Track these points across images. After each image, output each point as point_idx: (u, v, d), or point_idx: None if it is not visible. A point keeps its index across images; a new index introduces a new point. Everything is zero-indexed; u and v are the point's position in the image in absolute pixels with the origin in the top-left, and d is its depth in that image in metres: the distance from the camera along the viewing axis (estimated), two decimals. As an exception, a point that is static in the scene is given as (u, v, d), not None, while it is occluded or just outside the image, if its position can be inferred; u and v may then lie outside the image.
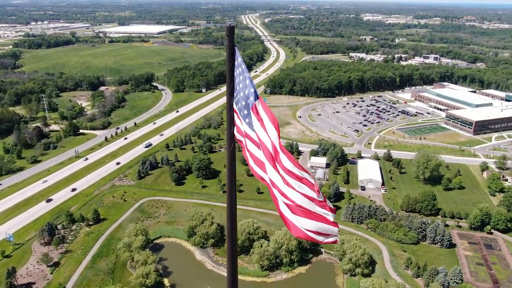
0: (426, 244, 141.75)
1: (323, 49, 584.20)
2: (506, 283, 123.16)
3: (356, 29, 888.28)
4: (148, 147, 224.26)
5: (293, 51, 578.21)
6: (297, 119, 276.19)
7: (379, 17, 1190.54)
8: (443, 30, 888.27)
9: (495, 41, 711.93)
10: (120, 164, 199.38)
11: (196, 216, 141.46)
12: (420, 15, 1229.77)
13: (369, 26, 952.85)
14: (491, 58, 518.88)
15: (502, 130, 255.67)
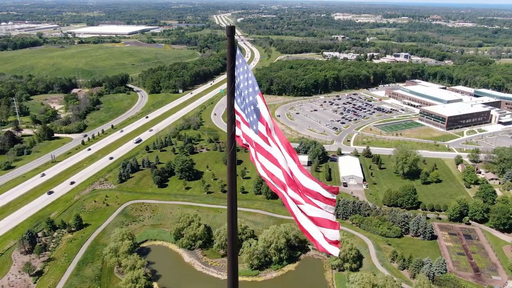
0: (409, 237, 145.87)
1: (297, 48, 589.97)
2: (486, 271, 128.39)
3: (327, 28, 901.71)
4: (139, 142, 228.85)
5: (268, 51, 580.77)
6: (276, 118, 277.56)
7: (349, 16, 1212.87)
8: (411, 29, 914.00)
9: (461, 39, 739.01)
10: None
11: (182, 218, 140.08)
12: (389, 15, 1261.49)
13: (340, 25, 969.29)
14: (458, 55, 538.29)
15: (472, 125, 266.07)
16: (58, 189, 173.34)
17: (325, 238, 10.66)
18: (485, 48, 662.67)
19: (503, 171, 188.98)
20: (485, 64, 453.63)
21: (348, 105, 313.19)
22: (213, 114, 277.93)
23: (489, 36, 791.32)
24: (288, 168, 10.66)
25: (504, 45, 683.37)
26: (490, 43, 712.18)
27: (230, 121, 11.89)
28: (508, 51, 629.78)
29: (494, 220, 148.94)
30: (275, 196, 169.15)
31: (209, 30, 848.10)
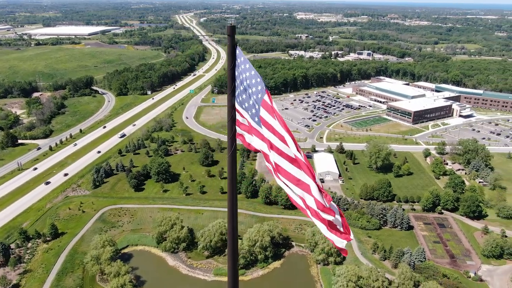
0: (387, 229, 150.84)
1: (263, 47, 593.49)
2: (461, 257, 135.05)
3: (291, 27, 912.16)
4: (123, 137, 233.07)
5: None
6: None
7: (311, 15, 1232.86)
8: (371, 28, 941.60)
9: (418, 37, 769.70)
10: (68, 175, 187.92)
11: (164, 221, 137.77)
12: (349, 14, 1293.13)
13: (303, 24, 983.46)
14: (417, 53, 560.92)
15: (436, 119, 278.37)
16: (28, 198, 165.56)
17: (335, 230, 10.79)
18: (441, 46, 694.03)
19: (468, 161, 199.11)
20: (443, 61, 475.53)
21: (317, 102, 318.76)
22: (185, 118, 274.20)
23: (444, 34, 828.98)
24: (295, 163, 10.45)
25: (458, 42, 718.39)
26: (445, 41, 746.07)
27: (230, 121, 11.76)
28: (462, 47, 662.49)
29: (465, 209, 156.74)
30: (254, 195, 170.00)
31: (173, 30, 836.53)
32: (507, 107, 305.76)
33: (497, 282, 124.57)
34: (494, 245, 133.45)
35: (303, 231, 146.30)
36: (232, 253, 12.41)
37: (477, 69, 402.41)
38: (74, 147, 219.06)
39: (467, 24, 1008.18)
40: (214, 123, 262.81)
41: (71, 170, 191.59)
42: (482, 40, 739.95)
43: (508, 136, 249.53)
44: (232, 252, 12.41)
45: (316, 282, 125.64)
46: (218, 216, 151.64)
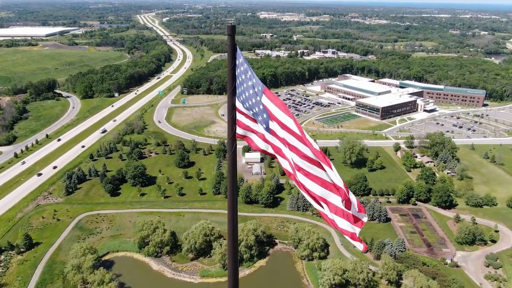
0: (366, 222, 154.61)
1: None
2: (437, 245, 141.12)
3: (255, 27, 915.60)
4: (104, 132, 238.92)
5: (200, 50, 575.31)
6: (221, 117, 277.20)
7: (274, 15, 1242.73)
8: (333, 27, 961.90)
9: (378, 35, 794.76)
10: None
11: (146, 225, 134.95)
12: (311, 13, 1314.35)
13: (266, 24, 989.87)
14: (379, 50, 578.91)
15: (402, 114, 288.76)
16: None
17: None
18: (401, 43, 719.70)
19: (436, 154, 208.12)
20: (404, 58, 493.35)
21: (288, 101, 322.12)
22: (156, 119, 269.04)
23: (402, 32, 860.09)
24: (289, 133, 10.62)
25: (416, 40, 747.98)
26: (404, 39, 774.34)
27: (231, 121, 11.76)
28: (420, 45, 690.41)
29: (437, 199, 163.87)
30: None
31: (135, 30, 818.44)
32: (466, 101, 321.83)
33: (472, 267, 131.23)
34: (466, 232, 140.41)
35: (286, 229, 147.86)
36: (232, 253, 12.39)
37: (437, 65, 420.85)
38: (45, 151, 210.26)
39: (423, 23, 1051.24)
40: (187, 124, 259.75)
41: (39, 178, 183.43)
42: (438, 37, 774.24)
43: (469, 128, 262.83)
44: (233, 252, 12.39)
45: (302, 277, 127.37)
46: (200, 217, 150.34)
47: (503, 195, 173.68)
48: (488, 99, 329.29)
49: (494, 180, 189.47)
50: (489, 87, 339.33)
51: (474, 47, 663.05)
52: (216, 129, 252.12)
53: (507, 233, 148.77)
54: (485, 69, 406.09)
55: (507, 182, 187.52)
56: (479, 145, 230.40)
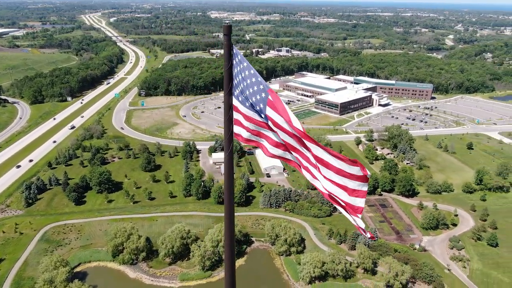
0: (337, 214, 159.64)
1: (183, 47, 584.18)
2: (405, 232, 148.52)
3: (207, 26, 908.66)
4: (73, 128, 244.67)
5: (153, 51, 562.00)
6: (182, 118, 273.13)
7: (225, 14, 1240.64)
8: (284, 25, 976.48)
9: (328, 34, 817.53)
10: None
11: (119, 233, 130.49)
12: (261, 12, 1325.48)
13: (218, 23, 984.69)
14: (331, 48, 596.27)
15: (359, 109, 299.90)
16: None
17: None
18: (350, 41, 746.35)
19: (395, 146, 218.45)
20: (355, 55, 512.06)
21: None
22: (115, 123, 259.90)
23: (350, 30, 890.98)
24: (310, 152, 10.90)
25: (364, 38, 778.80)
26: (352, 36, 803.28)
27: (227, 121, 11.76)
28: (368, 42, 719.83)
29: (400, 188, 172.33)
30: (206, 196, 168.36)
31: (81, 31, 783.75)
32: (416, 95, 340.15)
33: (438, 250, 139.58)
34: (430, 218, 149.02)
35: (261, 226, 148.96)
36: (229, 253, 12.45)
37: (387, 61, 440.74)
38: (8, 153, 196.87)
39: (369, 21, 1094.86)
40: (148, 126, 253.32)
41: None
42: (384, 35, 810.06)
43: (422, 120, 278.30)
44: (230, 252, 12.46)
45: (282, 273, 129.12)
46: (174, 221, 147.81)
47: (458, 181, 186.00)
48: (435, 92, 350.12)
49: (449, 168, 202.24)
50: (435, 81, 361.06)
51: (417, 44, 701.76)
52: (179, 130, 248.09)
53: (466, 216, 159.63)
54: (430, 64, 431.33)
55: (460, 169, 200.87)
56: (432, 135, 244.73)
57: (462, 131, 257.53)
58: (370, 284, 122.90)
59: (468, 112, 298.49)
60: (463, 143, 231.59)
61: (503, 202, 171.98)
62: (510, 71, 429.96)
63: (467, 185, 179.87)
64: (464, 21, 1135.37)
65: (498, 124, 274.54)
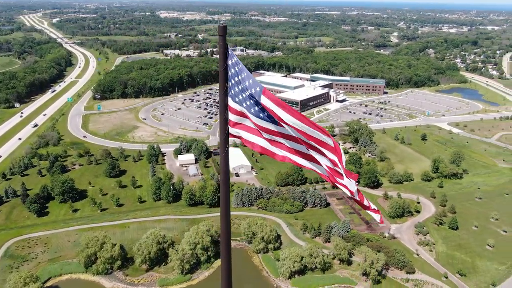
0: (309, 209, 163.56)
1: (135, 48, 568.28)
2: (374, 222, 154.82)
3: (157, 26, 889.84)
4: (36, 126, 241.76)
5: (103, 53, 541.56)
6: (143, 121, 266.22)
7: (175, 14, 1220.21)
8: (236, 25, 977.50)
9: (280, 32, 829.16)
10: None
11: (92, 242, 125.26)
12: (212, 12, 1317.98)
13: (168, 23, 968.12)
14: (284, 47, 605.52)
15: (318, 105, 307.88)
16: None
17: None
18: (301, 39, 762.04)
19: (356, 140, 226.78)
20: (309, 53, 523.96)
21: (208, 100, 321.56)
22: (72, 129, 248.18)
23: (301, 29, 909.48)
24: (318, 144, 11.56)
25: (315, 36, 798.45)
26: (303, 35, 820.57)
27: (223, 122, 11.80)
28: (319, 40, 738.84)
29: (366, 180, 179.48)
30: (176, 199, 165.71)
31: (22, 33, 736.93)
32: (370, 90, 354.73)
33: (405, 236, 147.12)
34: (396, 207, 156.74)
35: (236, 225, 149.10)
36: (225, 253, 12.59)
37: (340, 59, 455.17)
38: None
39: (318, 20, 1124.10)
40: (107, 131, 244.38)
41: None
42: (333, 33, 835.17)
43: (377, 114, 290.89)
44: (226, 252, 12.59)
45: (261, 270, 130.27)
46: (146, 226, 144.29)
47: (417, 170, 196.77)
48: (387, 87, 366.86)
49: (407, 158, 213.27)
50: (386, 76, 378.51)
51: (365, 41, 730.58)
52: (141, 133, 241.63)
53: (427, 203, 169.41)
54: (380, 61, 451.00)
55: (417, 159, 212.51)
56: (388, 128, 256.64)
57: (415, 123, 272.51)
58: (347, 274, 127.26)
59: (419, 105, 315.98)
60: (417, 135, 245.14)
61: (458, 188, 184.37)
62: (452, 66, 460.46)
63: (425, 173, 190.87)
64: (405, 19, 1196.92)
65: (446, 115, 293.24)
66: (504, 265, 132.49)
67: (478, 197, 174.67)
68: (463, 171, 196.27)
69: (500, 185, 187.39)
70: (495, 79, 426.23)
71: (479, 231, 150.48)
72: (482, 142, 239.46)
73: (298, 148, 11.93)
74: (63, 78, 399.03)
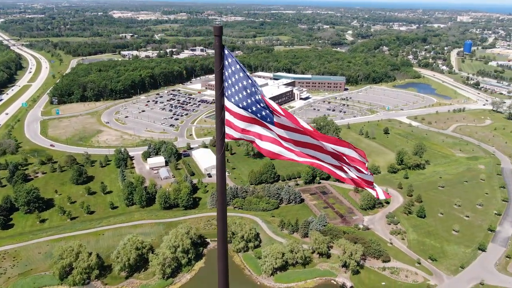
0: (284, 206, 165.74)
1: (90, 49, 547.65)
2: (348, 215, 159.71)
3: (112, 27, 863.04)
4: None
5: (56, 55, 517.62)
6: (106, 125, 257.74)
7: (129, 14, 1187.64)
8: (193, 24, 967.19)
9: (238, 32, 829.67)
10: None
11: (66, 253, 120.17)
12: (167, 11, 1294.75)
13: (123, 23, 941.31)
14: (244, 46, 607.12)
15: (283, 103, 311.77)
16: None
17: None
18: (260, 38, 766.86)
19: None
20: (269, 52, 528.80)
21: (172, 101, 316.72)
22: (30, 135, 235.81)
23: (258, 28, 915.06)
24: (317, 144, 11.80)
25: (273, 35, 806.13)
26: (261, 34, 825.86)
27: (219, 122, 11.79)
28: (277, 39, 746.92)
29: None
30: (150, 203, 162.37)
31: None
32: (331, 87, 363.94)
33: (378, 227, 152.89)
34: (368, 199, 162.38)
35: (213, 227, 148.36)
36: (223, 254, 12.71)
37: (300, 57, 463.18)
38: None
39: (275, 19, 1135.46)
40: (69, 136, 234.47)
41: None
42: (290, 32, 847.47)
43: (341, 110, 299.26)
44: (223, 253, 12.69)
45: (243, 269, 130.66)
46: (122, 232, 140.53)
47: (383, 163, 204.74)
48: (347, 84, 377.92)
49: (373, 152, 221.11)
50: (346, 73, 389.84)
51: (322, 40, 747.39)
52: (105, 138, 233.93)
53: (395, 194, 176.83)
54: (339, 58, 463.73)
55: (382, 153, 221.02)
56: (352, 124, 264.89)
57: (377, 118, 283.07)
58: (327, 267, 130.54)
59: (378, 100, 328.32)
60: (380, 129, 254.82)
61: (422, 178, 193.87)
62: (406, 62, 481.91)
63: (391, 166, 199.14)
64: (358, 18, 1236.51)
65: (404, 109, 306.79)
66: (470, 248, 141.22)
67: (440, 186, 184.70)
68: (425, 162, 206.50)
69: (459, 174, 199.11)
70: (446, 74, 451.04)
71: (445, 218, 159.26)
72: (440, 134, 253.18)
73: (300, 139, 11.87)
74: (14, 82, 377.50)
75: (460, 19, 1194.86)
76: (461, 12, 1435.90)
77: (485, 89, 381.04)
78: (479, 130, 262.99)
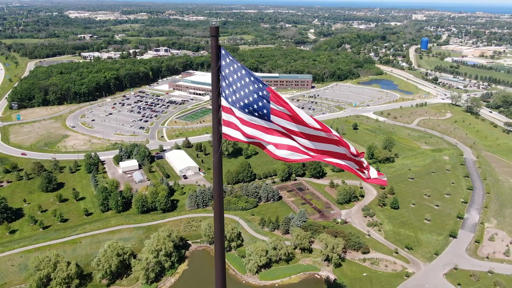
0: (263, 204, 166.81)
1: (48, 51, 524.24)
2: (325, 210, 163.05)
3: (69, 27, 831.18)
4: None
5: (10, 58, 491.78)
6: (72, 129, 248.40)
7: (86, 14, 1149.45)
8: (154, 24, 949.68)
9: (201, 31, 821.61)
10: None
11: (43, 263, 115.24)
12: (127, 11, 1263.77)
13: (81, 24, 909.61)
14: (208, 45, 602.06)
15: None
16: None
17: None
18: (224, 38, 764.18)
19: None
20: (234, 51, 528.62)
21: (140, 103, 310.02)
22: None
23: (221, 27, 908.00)
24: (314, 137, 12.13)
25: (236, 34, 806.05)
26: (224, 33, 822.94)
27: (216, 123, 11.70)
28: (241, 39, 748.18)
29: (311, 171, 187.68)
30: (126, 208, 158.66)
31: None
32: (299, 85, 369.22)
33: (356, 220, 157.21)
34: (344, 194, 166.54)
35: (194, 228, 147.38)
36: (220, 254, 12.83)
37: (266, 56, 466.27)
38: None
39: (237, 18, 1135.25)
40: (33, 142, 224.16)
41: None
42: (253, 31, 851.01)
43: (310, 108, 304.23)
44: (220, 253, 12.81)
45: (227, 269, 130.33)
46: (100, 239, 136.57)
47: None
48: (314, 82, 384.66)
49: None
50: (312, 71, 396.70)
51: (285, 38, 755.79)
52: (73, 142, 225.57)
53: (369, 187, 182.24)
54: (304, 56, 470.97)
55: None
56: (322, 121, 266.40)
57: (345, 114, 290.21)
58: (310, 262, 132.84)
59: (345, 97, 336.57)
60: (349, 125, 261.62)
61: (393, 171, 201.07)
62: (368, 59, 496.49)
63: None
64: (319, 17, 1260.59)
65: (370, 105, 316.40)
66: (442, 235, 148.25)
67: (410, 178, 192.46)
68: (394, 155, 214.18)
69: (426, 165, 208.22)
70: (406, 70, 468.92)
71: (417, 208, 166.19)
72: (405, 128, 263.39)
73: (302, 142, 12.11)
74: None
75: (415, 17, 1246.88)
76: (416, 11, 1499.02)
77: (443, 84, 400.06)
78: (441, 123, 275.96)
